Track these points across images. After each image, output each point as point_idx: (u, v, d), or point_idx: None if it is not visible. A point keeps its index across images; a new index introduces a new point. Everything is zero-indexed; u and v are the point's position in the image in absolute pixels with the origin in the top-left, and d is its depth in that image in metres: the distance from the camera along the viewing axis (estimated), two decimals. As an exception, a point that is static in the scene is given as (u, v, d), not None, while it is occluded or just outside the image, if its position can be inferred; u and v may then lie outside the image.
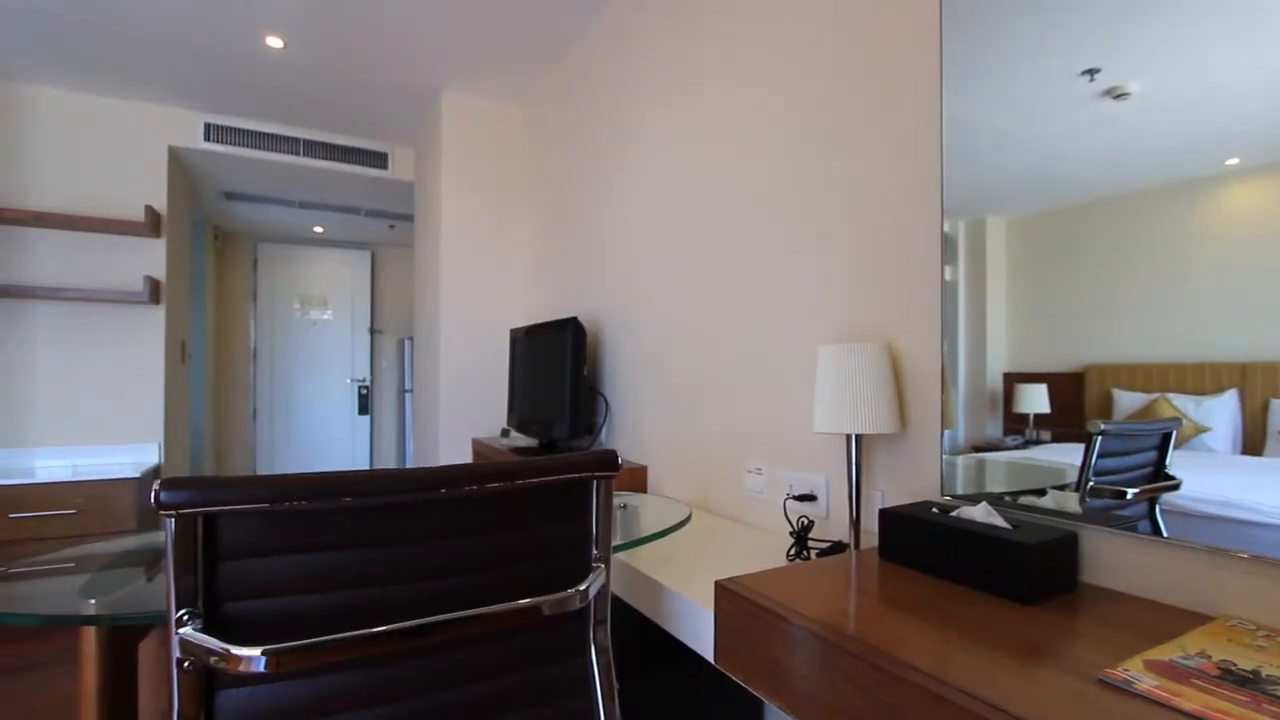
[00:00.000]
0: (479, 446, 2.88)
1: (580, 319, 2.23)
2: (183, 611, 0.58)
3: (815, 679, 0.66)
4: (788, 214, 1.50)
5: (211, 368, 5.06)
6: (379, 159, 3.75)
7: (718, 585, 0.84)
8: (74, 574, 1.18)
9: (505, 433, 2.87)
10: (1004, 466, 0.99)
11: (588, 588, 0.75)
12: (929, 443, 1.13)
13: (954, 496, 1.05)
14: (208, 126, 3.33)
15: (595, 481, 0.76)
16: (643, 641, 1.37)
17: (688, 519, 1.27)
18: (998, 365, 1.02)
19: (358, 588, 0.66)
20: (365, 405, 5.86)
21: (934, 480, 1.11)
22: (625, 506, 1.41)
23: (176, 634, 0.58)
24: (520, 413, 2.73)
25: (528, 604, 0.73)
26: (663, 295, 2.00)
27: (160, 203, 3.28)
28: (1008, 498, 0.97)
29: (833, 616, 0.70)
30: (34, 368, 3.08)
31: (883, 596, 0.78)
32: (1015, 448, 0.98)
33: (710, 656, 0.96)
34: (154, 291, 3.20)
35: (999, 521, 0.86)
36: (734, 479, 1.66)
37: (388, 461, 5.96)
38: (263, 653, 0.60)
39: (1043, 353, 0.95)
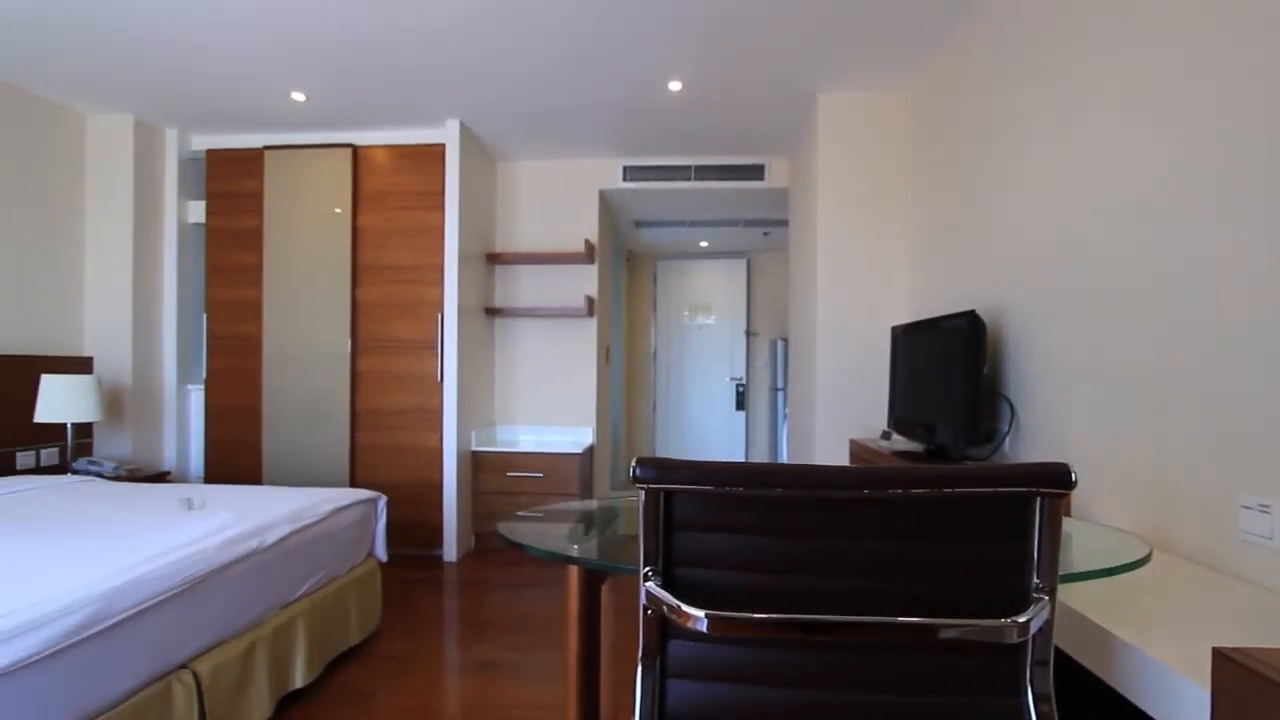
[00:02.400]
0: (857, 448, 2.82)
1: (979, 312, 1.98)
2: (648, 568, 0.71)
3: None
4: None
5: (625, 367, 6.13)
6: (756, 171, 4.00)
7: (1220, 654, 0.64)
8: (554, 523, 1.55)
9: (886, 435, 2.75)
10: None
11: (1028, 620, 0.65)
12: None
13: None
14: (625, 169, 4.06)
15: (1039, 499, 0.66)
16: (1068, 689, 1.14)
17: (1147, 558, 1.01)
18: None
19: (781, 573, 0.71)
20: (741, 402, 6.33)
21: None
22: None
23: (644, 586, 0.71)
24: (902, 415, 2.58)
25: (952, 625, 0.68)
26: (1098, 278, 1.64)
27: (594, 236, 4.12)
28: None
29: None
30: (520, 366, 4.20)
31: None
32: None
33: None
34: (590, 307, 4.04)
35: None
36: (1217, 514, 1.25)
37: (761, 455, 6.31)
38: (705, 615, 0.69)
39: None
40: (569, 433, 4.16)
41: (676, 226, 5.17)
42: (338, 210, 3.61)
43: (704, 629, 0.69)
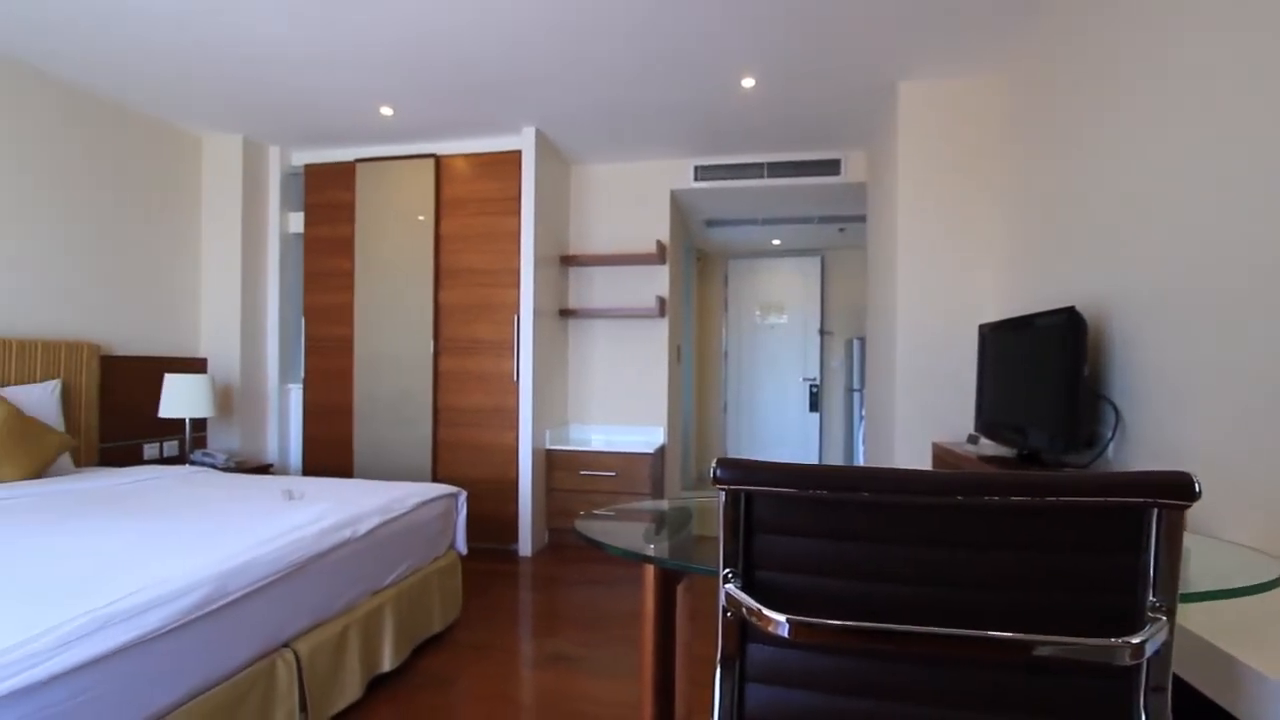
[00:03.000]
0: (940, 452, 2.69)
1: (1078, 308, 1.85)
2: (728, 570, 0.71)
3: None
4: None
5: (695, 367, 6.11)
6: (831, 166, 3.89)
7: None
8: (627, 521, 1.56)
9: (973, 439, 2.61)
10: None
11: (1143, 642, 0.60)
12: None
13: None
14: (696, 168, 4.04)
15: (1157, 510, 0.61)
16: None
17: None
18: None
19: (866, 580, 0.69)
20: (815, 403, 6.17)
21: None
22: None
23: (723, 588, 0.71)
24: (990, 418, 2.44)
25: (1054, 642, 0.64)
26: (1229, 269, 1.49)
27: (665, 237, 4.13)
28: None
29: None
30: (593, 366, 4.26)
31: None
32: None
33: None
34: (661, 307, 4.05)
35: None
36: (1368, 535, 1.11)
37: (835, 457, 6.14)
38: (786, 620, 0.67)
39: None
40: (640, 432, 4.19)
41: (748, 225, 5.11)
42: (421, 218, 3.78)
43: (785, 634, 0.68)
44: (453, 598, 2.58)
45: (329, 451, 3.93)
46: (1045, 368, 1.99)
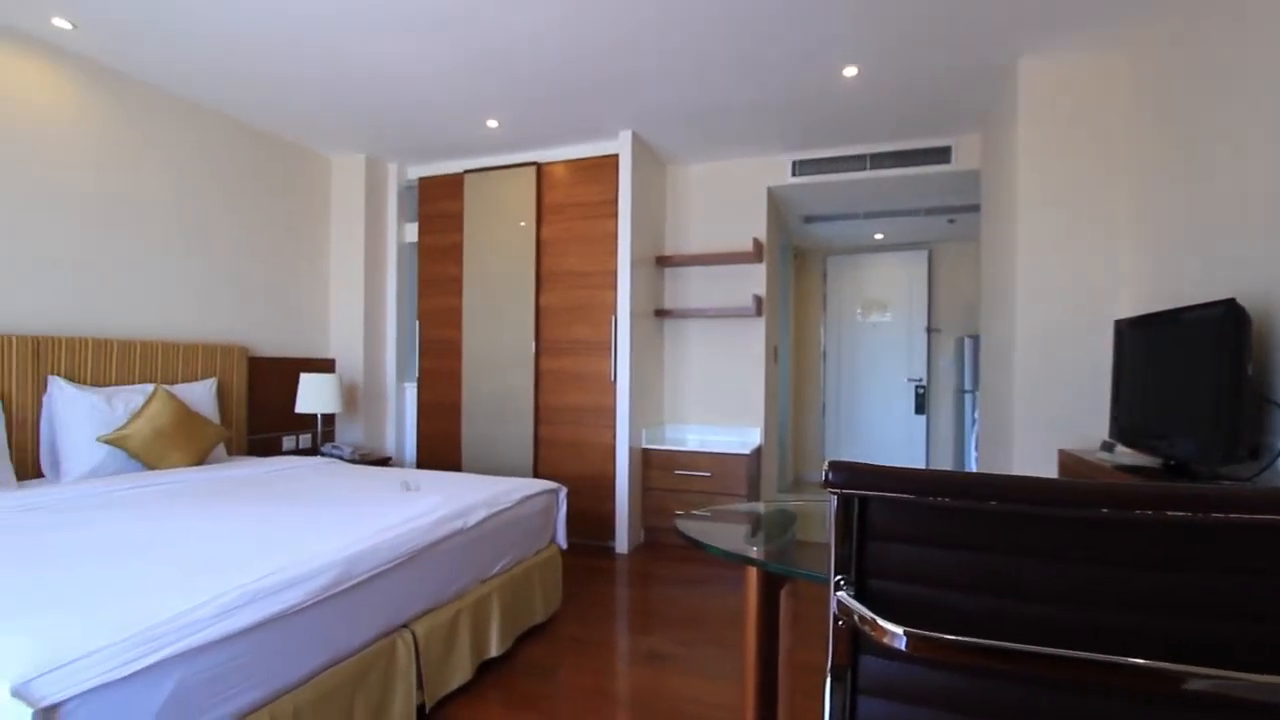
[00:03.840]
0: (1069, 460, 2.47)
1: (1239, 300, 1.64)
2: (839, 577, 0.69)
3: None
4: None
5: (792, 367, 5.96)
6: (941, 154, 3.67)
7: None
8: (724, 522, 1.54)
9: (1108, 446, 2.37)
10: None
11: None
12: None
13: None
14: (794, 164, 3.94)
15: (1355, 534, 0.53)
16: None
17: None
18: None
19: (992, 595, 0.65)
20: (921, 404, 5.84)
21: None
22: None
23: (835, 595, 0.69)
24: (1128, 423, 2.21)
25: (1214, 677, 0.57)
26: None
27: (762, 235, 4.06)
28: None
29: None
30: (689, 366, 4.27)
31: None
32: None
33: None
34: (758, 306, 3.99)
35: None
36: None
37: (944, 462, 5.78)
38: (904, 632, 0.64)
39: None
40: (736, 433, 4.14)
41: (849, 220, 4.92)
42: (522, 224, 3.94)
43: (902, 647, 0.65)
44: (553, 590, 2.66)
45: (440, 446, 4.18)
46: (1198, 367, 1.77)
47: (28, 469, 2.58)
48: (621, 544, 3.68)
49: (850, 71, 2.90)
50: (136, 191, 3.08)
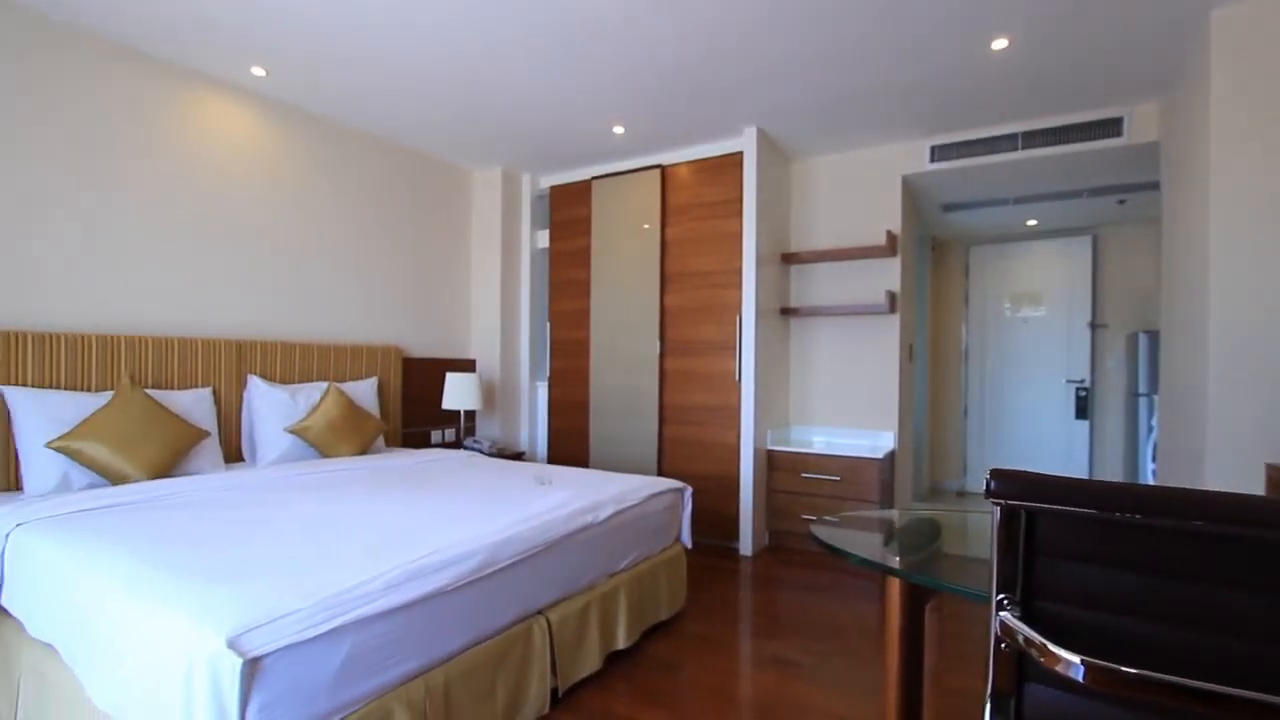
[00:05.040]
0: (1282, 477, 2.10)
1: None
2: (1002, 596, 0.63)
3: None
4: None
5: (929, 367, 5.57)
6: (1110, 127, 3.26)
7: None
8: (855, 529, 1.47)
9: (1335, 463, 1.99)
10: None
11: None
12: None
13: None
14: (933, 149, 3.68)
15: None
16: None
17: None
18: None
19: (1190, 627, 0.56)
20: (1083, 409, 5.23)
21: None
22: None
23: (997, 616, 0.63)
24: (1369, 436, 1.83)
25: None
26: None
27: (896, 227, 3.84)
28: None
29: None
30: (816, 366, 4.13)
31: None
32: None
33: None
34: (892, 302, 3.77)
35: None
36: None
37: (1111, 473, 5.13)
38: (1082, 661, 0.58)
39: None
40: (866, 436, 3.94)
41: (996, 206, 4.51)
42: (646, 226, 4.01)
43: (1079, 677, 0.58)
44: (678, 588, 2.68)
45: (569, 442, 4.36)
46: None
47: (232, 453, 3.02)
48: (745, 546, 3.63)
49: (999, 44, 2.65)
50: (309, 212, 3.50)
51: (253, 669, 1.20)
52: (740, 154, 3.68)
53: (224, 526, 1.88)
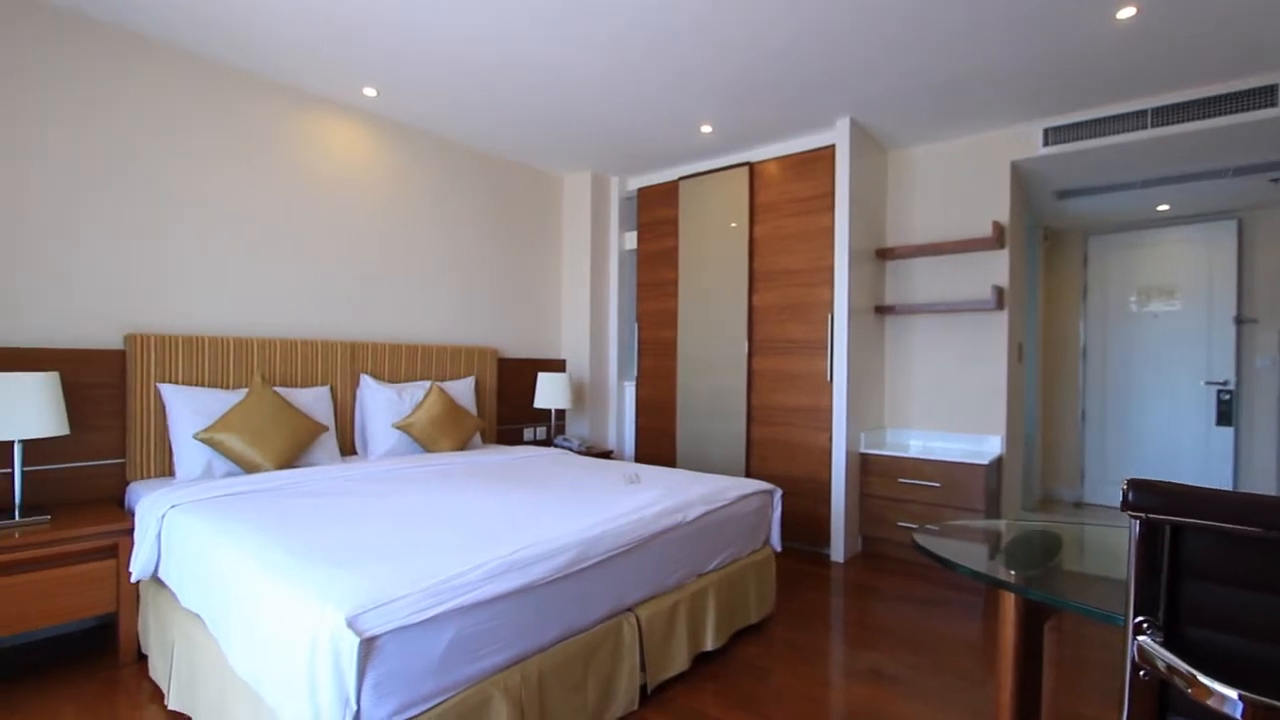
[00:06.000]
0: None
1: None
2: (1141, 619, 0.58)
3: None
4: None
5: (1040, 367, 5.17)
6: (1261, 96, 2.90)
7: None
8: (959, 539, 1.39)
9: None
10: None
11: None
12: None
13: None
14: (1046, 132, 3.42)
15: None
16: None
17: None
18: None
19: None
20: (1226, 414, 4.67)
21: None
22: None
23: (1135, 640, 0.58)
24: None
25: None
26: None
27: (1004, 217, 3.59)
28: None
29: None
30: (913, 366, 3.93)
31: None
32: None
33: None
34: (999, 298, 3.53)
35: None
36: None
37: (1262, 485, 4.55)
38: (1240, 696, 0.52)
39: None
40: (969, 441, 3.71)
41: (1120, 191, 4.12)
42: (733, 224, 3.97)
43: (1236, 715, 0.52)
44: (767, 592, 2.64)
45: (656, 442, 4.39)
46: None
47: (346, 446, 3.26)
48: (837, 552, 3.51)
49: (1126, 12, 2.42)
50: (411, 222, 3.72)
51: (368, 648, 1.29)
52: (832, 147, 3.57)
53: (341, 514, 2.03)
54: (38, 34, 2.42)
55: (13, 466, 2.30)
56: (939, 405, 3.84)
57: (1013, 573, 0.95)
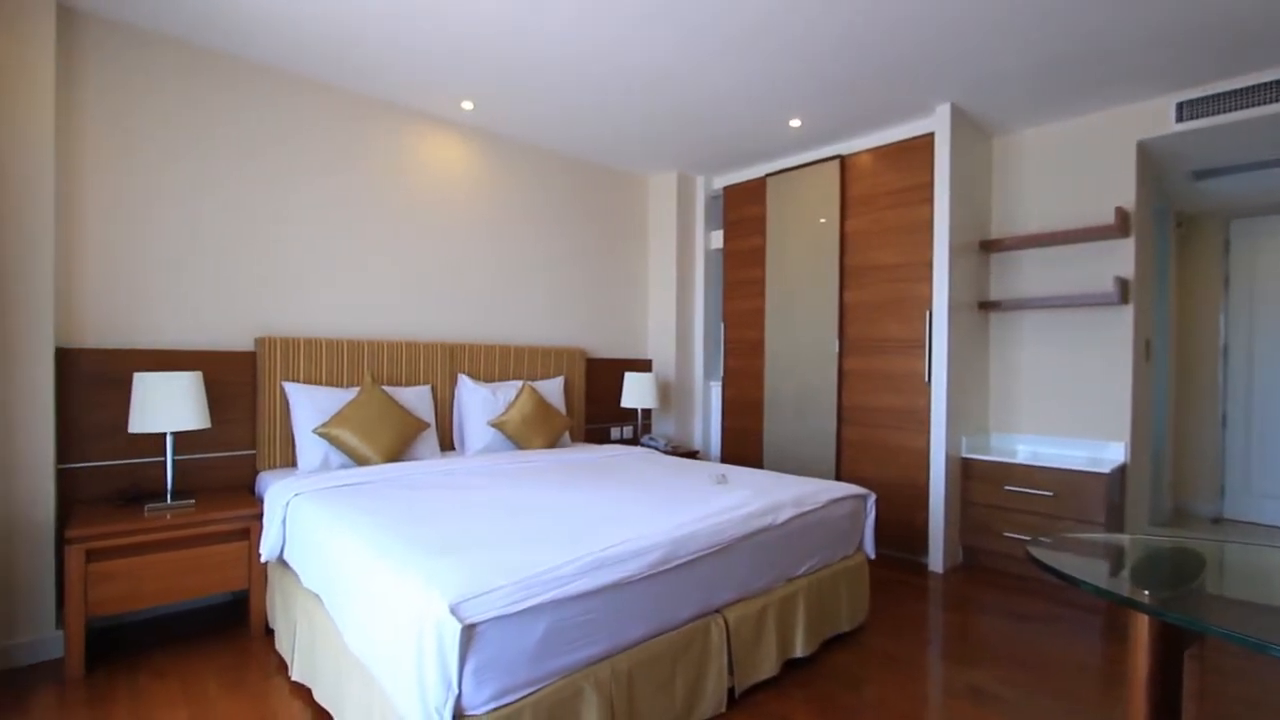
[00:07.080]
0: None
1: None
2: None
3: None
4: None
5: (1173, 366, 4.68)
6: None
7: None
8: (1082, 554, 1.28)
9: None
10: None
11: None
12: None
13: None
14: (1179, 106, 3.09)
15: None
16: None
17: None
18: None
19: None
20: None
21: None
22: None
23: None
24: None
25: None
26: None
27: (1129, 202, 3.28)
28: None
29: None
30: (1021, 366, 3.67)
31: None
32: None
33: None
34: (1123, 291, 3.23)
35: None
36: None
37: None
38: None
39: None
40: (1085, 447, 3.41)
41: (1270, 168, 3.66)
42: (822, 220, 3.85)
43: None
44: (860, 600, 2.54)
45: (742, 442, 4.33)
46: None
47: (445, 442, 3.44)
48: (936, 561, 3.34)
49: (1280, -31, 2.15)
50: (504, 227, 3.86)
51: (469, 635, 1.36)
52: (930, 135, 3.39)
53: (442, 506, 2.15)
54: (214, 83, 2.72)
55: (165, 456, 2.59)
56: (1051, 408, 3.56)
57: (1147, 593, 0.87)
